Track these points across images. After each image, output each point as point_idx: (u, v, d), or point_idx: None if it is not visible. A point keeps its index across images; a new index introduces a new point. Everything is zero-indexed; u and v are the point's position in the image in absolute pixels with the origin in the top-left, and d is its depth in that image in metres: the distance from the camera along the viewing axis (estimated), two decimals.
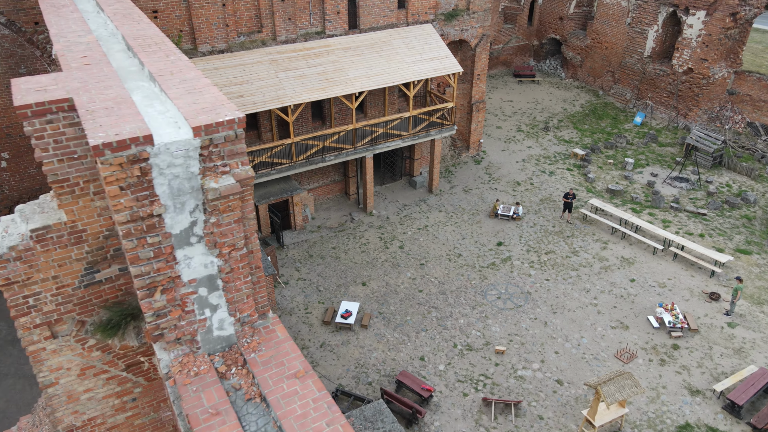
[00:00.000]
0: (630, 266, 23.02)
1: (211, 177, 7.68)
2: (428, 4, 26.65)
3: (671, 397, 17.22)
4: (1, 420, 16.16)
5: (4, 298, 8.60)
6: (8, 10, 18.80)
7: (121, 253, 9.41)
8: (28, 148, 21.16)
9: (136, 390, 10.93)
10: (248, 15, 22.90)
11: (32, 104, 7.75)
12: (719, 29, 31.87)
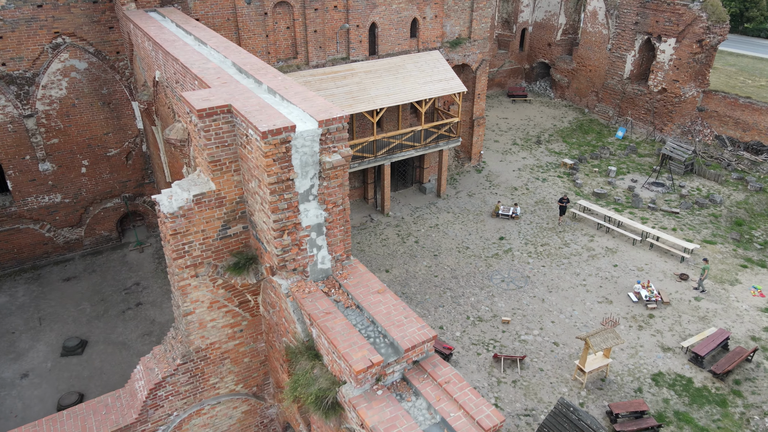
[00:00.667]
0: (613, 254, 26.94)
1: (326, 154, 11.55)
2: (436, 34, 30.93)
3: (647, 353, 20.97)
4: (99, 374, 19.56)
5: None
6: (96, 42, 22.73)
7: (245, 215, 13.22)
8: (104, 157, 24.86)
9: (243, 323, 14.60)
10: (286, 44, 26.97)
11: (206, 108, 11.65)
12: (688, 54, 36.44)
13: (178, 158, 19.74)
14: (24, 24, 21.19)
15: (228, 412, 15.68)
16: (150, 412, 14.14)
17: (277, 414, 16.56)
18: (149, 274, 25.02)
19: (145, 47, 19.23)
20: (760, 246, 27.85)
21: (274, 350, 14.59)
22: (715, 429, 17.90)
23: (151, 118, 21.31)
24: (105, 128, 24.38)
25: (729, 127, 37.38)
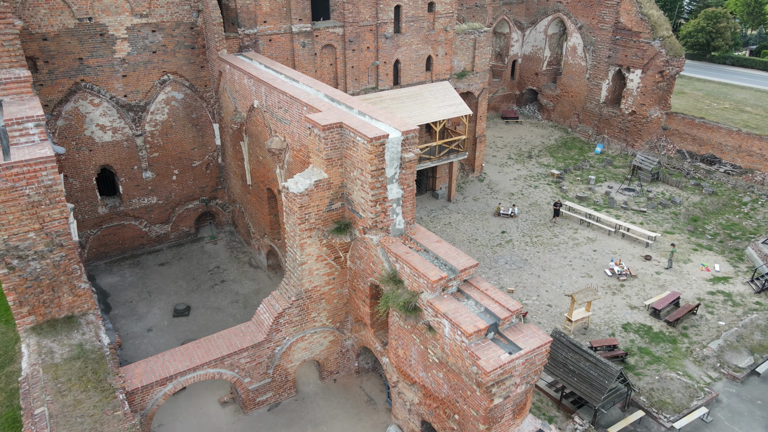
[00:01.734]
0: (593, 242, 33.68)
1: (404, 152, 18.15)
2: (446, 68, 38.01)
3: (618, 310, 27.55)
4: (204, 329, 25.65)
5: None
6: (191, 78, 29.39)
7: (343, 195, 19.70)
8: (189, 167, 31.26)
9: (335, 273, 21.08)
10: (329, 77, 33.78)
11: (327, 125, 18.27)
12: (652, 82, 43.88)
13: (265, 164, 26.29)
14: (142, 66, 27.81)
15: (320, 340, 22.06)
16: (273, 334, 20.45)
17: (352, 344, 22.90)
18: (225, 259, 31.30)
19: (242, 83, 25.92)
20: (710, 236, 34.77)
21: (357, 292, 21.00)
22: (667, 358, 24.43)
23: (240, 135, 27.85)
24: (192, 144, 30.89)
25: (688, 143, 44.69)
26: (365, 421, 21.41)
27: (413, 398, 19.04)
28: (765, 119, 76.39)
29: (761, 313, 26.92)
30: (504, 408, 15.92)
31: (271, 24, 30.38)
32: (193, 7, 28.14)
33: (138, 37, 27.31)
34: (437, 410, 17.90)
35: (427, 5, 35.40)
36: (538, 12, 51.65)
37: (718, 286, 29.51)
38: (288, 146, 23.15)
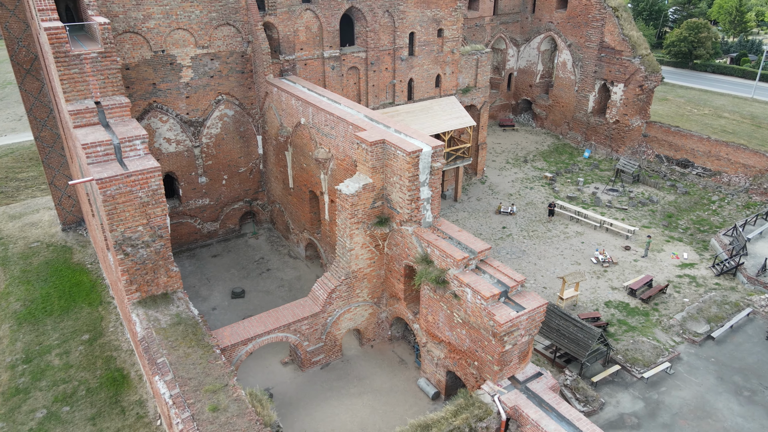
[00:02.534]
0: (581, 236, 39.18)
1: (433, 162, 23.62)
2: (452, 84, 43.43)
3: (602, 291, 33.02)
4: (258, 308, 30.82)
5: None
6: (240, 98, 34.64)
7: (383, 195, 25.06)
8: (236, 173, 36.44)
9: (375, 257, 26.39)
10: (353, 94, 39.08)
11: (373, 141, 23.71)
12: (633, 95, 49.52)
13: (308, 170, 31.56)
14: (201, 88, 33.02)
15: (362, 312, 27.38)
16: (326, 306, 25.76)
17: (386, 316, 28.20)
18: (268, 252, 36.54)
19: (290, 103, 31.21)
20: (682, 230, 40.36)
21: (393, 272, 26.31)
22: (640, 327, 29.91)
23: (285, 146, 33.08)
24: (239, 153, 36.11)
25: (665, 148, 50.34)
26: (398, 376, 26.74)
27: (440, 354, 24.40)
28: (740, 124, 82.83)
29: (718, 291, 32.50)
30: (512, 353, 21.31)
31: (307, 51, 35.70)
32: (244, 38, 33.39)
33: (199, 65, 32.54)
34: (460, 360, 23.27)
35: (437, 31, 40.83)
36: (531, 30, 57.25)
37: (685, 270, 35.09)
38: (333, 156, 28.48)
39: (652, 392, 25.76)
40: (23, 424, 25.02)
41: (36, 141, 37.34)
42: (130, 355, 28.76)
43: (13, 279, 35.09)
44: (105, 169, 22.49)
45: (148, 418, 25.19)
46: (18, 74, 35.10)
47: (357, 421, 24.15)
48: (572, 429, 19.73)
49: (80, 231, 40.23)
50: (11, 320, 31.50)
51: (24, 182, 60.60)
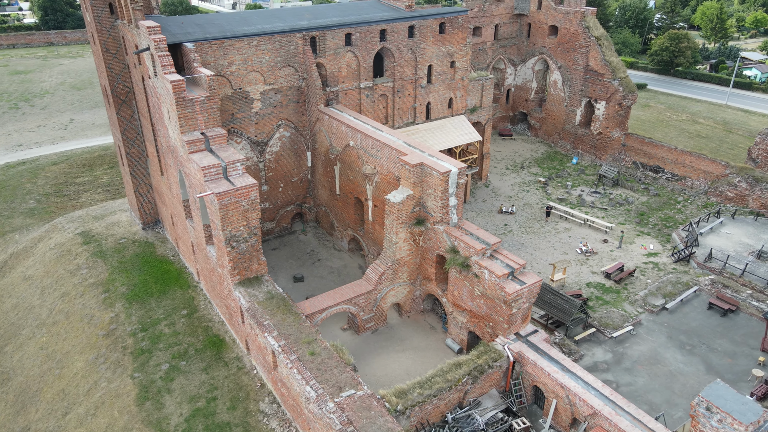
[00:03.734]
0: (568, 231, 48.08)
1: (459, 179, 32.55)
2: (462, 105, 52.11)
3: (584, 275, 41.92)
4: (317, 290, 39.47)
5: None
6: (295, 122, 43.18)
7: (421, 202, 33.93)
8: (290, 182, 44.99)
9: (413, 249, 35.38)
10: (382, 115, 47.67)
11: (415, 164, 32.57)
12: (613, 111, 58.38)
13: (354, 181, 40.21)
14: (267, 116, 41.54)
15: (402, 290, 36.19)
16: (377, 286, 34.53)
17: (420, 293, 37.01)
18: (316, 246, 45.21)
19: (340, 129, 39.81)
20: (651, 226, 49.32)
21: (426, 260, 35.11)
22: (612, 301, 38.82)
23: (334, 162, 41.68)
24: (293, 166, 44.70)
25: (640, 156, 59.28)
26: (430, 338, 35.57)
27: (463, 319, 33.24)
28: (713, 129, 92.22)
29: (674, 274, 41.50)
30: (517, 315, 30.15)
31: (347, 83, 44.29)
32: (300, 76, 41.92)
33: (266, 98, 41.07)
34: (479, 323, 32.12)
35: (450, 63, 49.48)
36: (527, 53, 65.98)
37: (650, 258, 44.08)
38: (378, 172, 37.17)
39: (619, 347, 34.72)
40: (154, 374, 33.70)
41: (126, 156, 45.67)
42: (222, 325, 37.38)
43: (113, 269, 43.61)
44: (219, 185, 31.10)
45: (246, 369, 33.87)
46: (116, 103, 43.40)
47: (403, 369, 32.96)
48: (559, 366, 28.65)
49: (157, 229, 48.69)
50: (122, 300, 40.08)
51: (81, 186, 69.03)
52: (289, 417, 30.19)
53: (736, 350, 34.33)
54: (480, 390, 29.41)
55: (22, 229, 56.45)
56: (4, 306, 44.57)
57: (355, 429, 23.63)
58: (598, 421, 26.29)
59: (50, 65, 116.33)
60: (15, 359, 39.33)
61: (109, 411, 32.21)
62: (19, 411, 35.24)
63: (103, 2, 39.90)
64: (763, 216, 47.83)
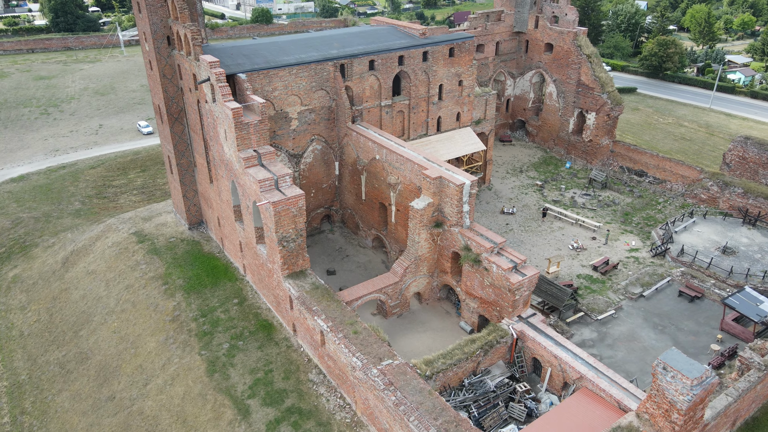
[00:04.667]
0: (562, 230, 55.05)
1: (471, 189, 39.51)
2: (468, 118, 58.87)
3: (575, 268, 48.92)
4: (348, 282, 46.32)
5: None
6: (326, 137, 49.87)
7: (439, 208, 40.88)
8: (320, 188, 51.68)
9: (432, 247, 42.38)
10: (399, 129, 54.38)
11: (435, 177, 39.52)
12: (602, 121, 65.25)
13: (379, 189, 47.02)
14: (302, 132, 48.20)
15: (422, 281, 43.17)
16: (402, 278, 41.48)
17: (437, 284, 43.96)
18: (343, 244, 52.04)
19: (367, 144, 46.55)
20: (634, 225, 56.32)
21: (443, 256, 42.11)
22: (598, 290, 45.83)
23: (361, 172, 48.41)
24: (323, 175, 51.41)
25: (627, 161, 66.20)
26: (446, 321, 42.51)
27: (474, 305, 40.19)
28: (697, 132, 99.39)
29: (651, 267, 48.56)
30: (519, 301, 37.12)
31: (370, 102, 50.98)
32: (331, 97, 48.56)
33: (302, 117, 47.73)
34: (487, 308, 39.07)
35: (458, 81, 56.20)
36: (525, 67, 72.73)
37: (632, 253, 51.12)
38: (401, 182, 43.97)
39: (603, 327, 41.79)
40: (217, 352, 40.56)
41: (177, 166, 52.21)
42: (269, 312, 44.19)
43: (168, 264, 50.34)
44: (273, 195, 37.85)
45: (294, 347, 40.74)
46: (169, 120, 49.88)
47: (425, 346, 39.90)
48: (553, 341, 35.67)
49: (201, 229, 55.38)
50: (181, 291, 46.86)
51: (118, 188, 75.58)
52: (334, 384, 37.12)
53: (699, 330, 41.47)
54: (490, 361, 36.42)
55: (73, 229, 63.03)
56: (73, 297, 51.29)
57: (396, 388, 30.60)
58: (583, 383, 33.36)
59: (71, 70, 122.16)
60: (91, 341, 46.12)
61: (183, 381, 39.11)
62: (102, 384, 42.09)
63: (162, 36, 46.37)
64: (731, 216, 54.92)
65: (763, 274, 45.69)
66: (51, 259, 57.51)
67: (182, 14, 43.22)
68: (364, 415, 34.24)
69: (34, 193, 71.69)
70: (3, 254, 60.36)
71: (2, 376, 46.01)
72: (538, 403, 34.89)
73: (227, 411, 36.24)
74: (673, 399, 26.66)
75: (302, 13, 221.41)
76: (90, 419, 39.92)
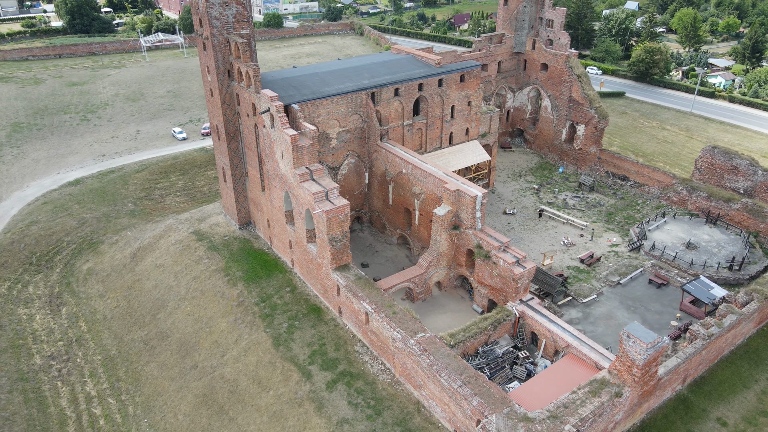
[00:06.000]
0: (555, 228, 65.26)
1: (483, 200, 49.65)
2: (475, 132, 68.77)
3: (565, 261, 59.15)
4: (381, 273, 56.42)
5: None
6: (358, 152, 59.69)
7: (457, 214, 51.05)
8: (353, 194, 61.57)
9: (450, 245, 52.55)
10: (417, 143, 64.23)
11: (453, 190, 49.67)
12: (590, 132, 75.27)
13: (404, 196, 57.06)
14: (339, 149, 58.01)
15: (442, 272, 53.60)
16: (426, 270, 51.74)
17: (453, 274, 54.33)
18: (372, 241, 62.06)
19: (395, 160, 56.46)
20: (616, 224, 66.55)
21: (459, 252, 52.45)
22: (584, 278, 56.09)
23: (388, 182, 58.30)
24: (355, 183, 61.25)
25: (611, 167, 76.30)
26: (461, 305, 52.75)
27: (484, 291, 50.44)
28: (678, 135, 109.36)
29: (628, 260, 58.85)
30: (521, 288, 47.37)
31: (394, 122, 60.80)
32: (363, 119, 58.34)
33: (340, 137, 57.54)
34: (496, 293, 49.35)
35: (467, 102, 66.04)
36: (523, 83, 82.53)
37: (613, 248, 61.39)
38: (423, 192, 53.96)
39: (586, 309, 52.11)
40: (279, 330, 50.68)
41: (231, 176, 61.87)
42: (316, 298, 54.21)
43: (227, 259, 60.26)
44: (325, 206, 47.79)
45: (340, 326, 50.85)
46: (227, 139, 59.52)
47: (445, 324, 50.09)
48: (547, 319, 45.98)
49: (249, 229, 65.23)
50: (241, 281, 56.84)
51: (163, 190, 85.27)
52: (376, 354, 47.29)
53: (663, 310, 51.88)
54: (498, 334, 46.71)
55: (131, 227, 72.84)
56: (146, 286, 61.24)
57: (429, 353, 40.81)
58: (570, 350, 43.68)
59: (100, 76, 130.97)
60: (168, 323, 56.15)
61: (255, 353, 49.26)
62: (185, 356, 52.18)
63: (224, 70, 55.93)
64: (696, 216, 65.25)
65: (717, 265, 56.09)
66: (119, 254, 67.37)
67: (245, 55, 52.83)
68: (401, 376, 44.49)
69: (92, 196, 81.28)
70: (75, 250, 70.17)
71: (95, 351, 56.05)
72: (535, 366, 45.27)
73: (293, 374, 46.45)
74: (634, 358, 36.99)
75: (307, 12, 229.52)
76: (178, 383, 50.07)
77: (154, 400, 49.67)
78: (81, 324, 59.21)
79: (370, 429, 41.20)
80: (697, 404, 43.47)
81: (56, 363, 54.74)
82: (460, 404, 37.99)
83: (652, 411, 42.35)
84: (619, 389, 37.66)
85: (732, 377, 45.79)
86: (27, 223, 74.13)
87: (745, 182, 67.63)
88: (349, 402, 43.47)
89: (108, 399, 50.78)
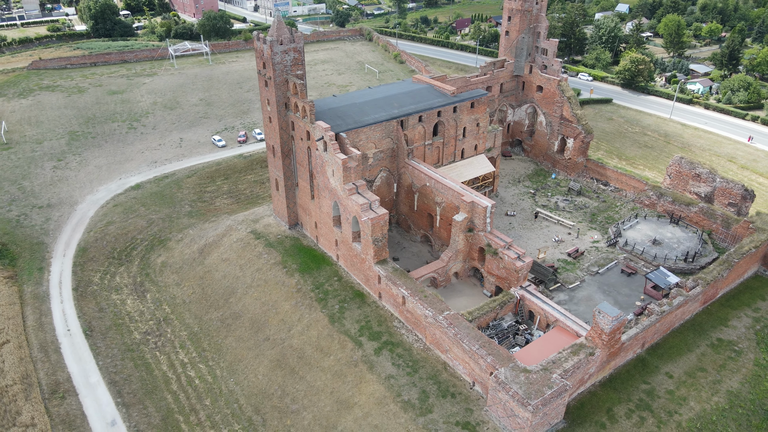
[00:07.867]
0: (548, 228, 79.57)
1: (492, 209, 64.06)
2: (482, 148, 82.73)
3: (556, 255, 73.51)
4: (410, 266, 70.62)
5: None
6: (389, 167, 73.65)
7: (472, 220, 65.43)
8: (383, 202, 75.58)
9: (465, 244, 67.06)
10: (436, 158, 78.14)
11: (469, 201, 64.02)
12: (578, 144, 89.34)
13: (428, 204, 71.29)
14: (374, 165, 71.86)
15: (459, 265, 68.39)
16: (447, 263, 66.30)
17: (468, 266, 68.93)
18: (400, 239, 76.20)
19: (420, 175, 70.49)
20: (598, 223, 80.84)
21: (473, 250, 67.07)
22: (571, 269, 70.49)
23: (414, 191, 72.26)
24: (386, 192, 75.20)
25: (596, 174, 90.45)
26: (474, 290, 67.16)
27: (492, 280, 64.87)
28: (657, 141, 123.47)
29: (606, 254, 73.26)
30: (521, 277, 61.79)
31: (417, 142, 74.71)
32: (393, 141, 72.18)
33: (375, 156, 71.42)
34: (501, 282, 63.81)
35: (476, 124, 79.95)
36: (521, 101, 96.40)
37: (594, 245, 75.77)
38: (444, 201, 68.12)
39: (572, 293, 66.56)
40: (332, 310, 64.98)
41: (284, 187, 75.68)
42: (359, 286, 68.40)
43: (282, 254, 74.29)
44: (370, 214, 61.95)
45: (381, 307, 65.10)
46: (282, 156, 73.20)
47: (462, 305, 64.45)
48: (541, 301, 60.49)
49: (297, 229, 79.20)
50: (297, 272, 70.95)
51: (212, 194, 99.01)
52: (410, 328, 61.65)
53: (632, 294, 66.40)
54: (504, 312, 61.16)
55: (192, 227, 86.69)
56: (215, 276, 75.29)
57: (453, 326, 55.21)
58: (558, 324, 58.18)
59: (135, 84, 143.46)
60: (239, 306, 70.32)
61: (315, 328, 63.57)
62: (257, 331, 66.45)
63: (282, 102, 69.58)
64: (663, 217, 79.65)
65: (675, 258, 70.63)
66: (187, 249, 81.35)
67: (301, 93, 66.55)
68: (431, 344, 58.89)
69: (153, 199, 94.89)
70: (147, 246, 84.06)
71: (181, 328, 70.21)
72: (531, 335, 59.83)
73: (348, 343, 60.81)
74: (603, 328, 51.56)
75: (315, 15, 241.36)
76: (255, 352, 64.40)
77: (236, 365, 63.99)
78: (165, 307, 73.28)
79: (410, 382, 55.73)
80: (651, 363, 58.15)
81: (151, 337, 68.88)
82: (478, 362, 52.49)
83: (618, 367, 57.02)
84: (592, 350, 52.23)
85: (679, 344, 60.48)
86: (105, 223, 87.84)
87: (706, 188, 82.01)
88: (392, 363, 57.94)
89: (198, 365, 65.05)
